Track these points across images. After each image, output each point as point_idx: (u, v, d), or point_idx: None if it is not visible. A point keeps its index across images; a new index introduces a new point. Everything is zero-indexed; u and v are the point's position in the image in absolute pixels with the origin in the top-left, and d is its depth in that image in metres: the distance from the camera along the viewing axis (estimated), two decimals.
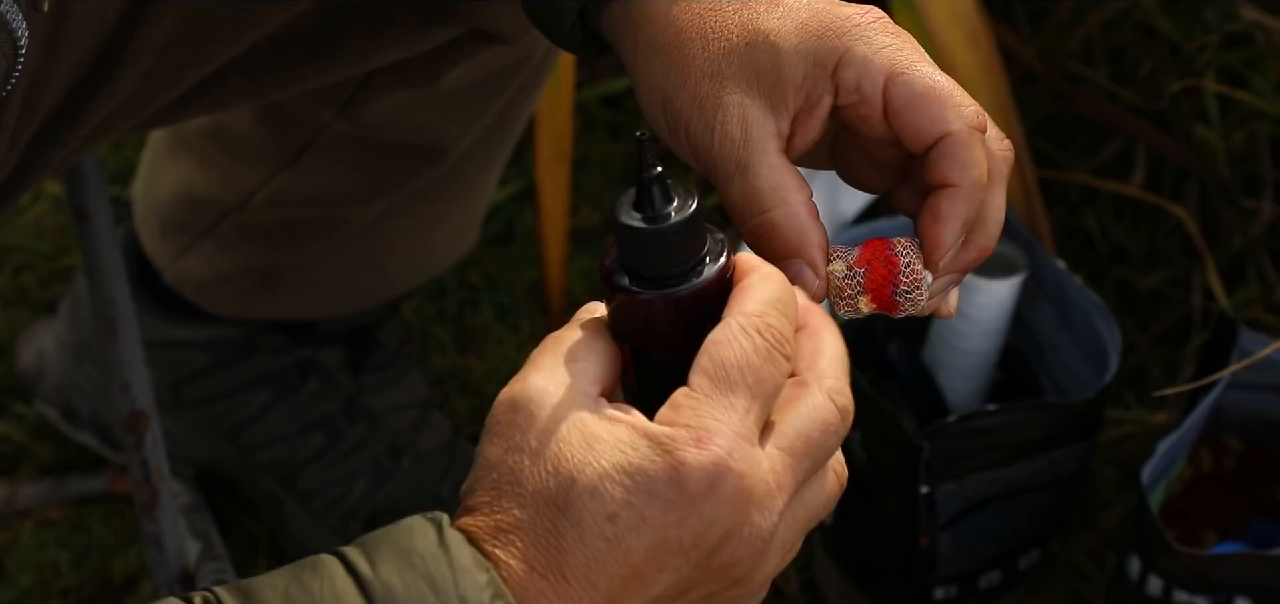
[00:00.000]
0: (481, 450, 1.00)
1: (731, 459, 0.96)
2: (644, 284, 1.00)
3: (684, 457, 0.96)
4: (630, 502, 0.96)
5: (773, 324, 0.99)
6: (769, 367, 0.98)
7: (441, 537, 0.97)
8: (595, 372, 1.00)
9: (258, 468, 1.98)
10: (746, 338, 0.98)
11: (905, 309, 1.08)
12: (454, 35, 1.46)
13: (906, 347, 1.99)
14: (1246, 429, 1.97)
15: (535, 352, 1.01)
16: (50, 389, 2.05)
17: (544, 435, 0.98)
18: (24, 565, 2.01)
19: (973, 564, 1.92)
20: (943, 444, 1.80)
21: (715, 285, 1.00)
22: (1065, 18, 2.20)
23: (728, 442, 0.96)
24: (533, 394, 0.99)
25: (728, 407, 0.97)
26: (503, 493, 0.98)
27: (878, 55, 1.08)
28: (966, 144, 1.07)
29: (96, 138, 1.37)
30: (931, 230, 1.08)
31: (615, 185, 2.27)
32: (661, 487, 0.96)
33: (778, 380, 0.99)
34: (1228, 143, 2.10)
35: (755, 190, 1.07)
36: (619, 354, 1.02)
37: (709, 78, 1.09)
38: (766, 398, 0.98)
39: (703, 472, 0.96)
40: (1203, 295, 2.12)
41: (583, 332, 1.01)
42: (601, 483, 0.96)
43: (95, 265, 1.67)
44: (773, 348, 0.99)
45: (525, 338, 2.16)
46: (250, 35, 1.35)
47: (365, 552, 0.98)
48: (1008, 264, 1.93)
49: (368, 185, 1.73)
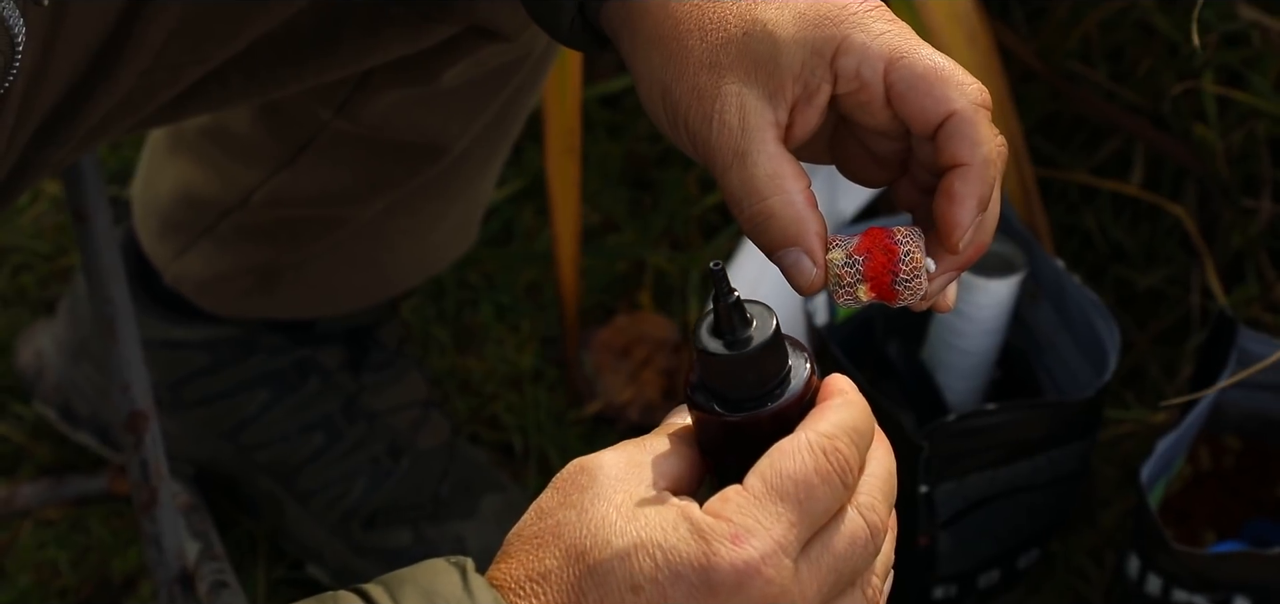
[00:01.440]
0: (540, 499, 1.01)
1: (764, 564, 0.96)
2: (726, 405, 1.01)
3: (718, 549, 0.97)
4: (656, 578, 0.97)
5: (841, 449, 0.99)
6: (825, 489, 0.99)
7: (466, 582, 0.98)
8: (669, 469, 1.01)
9: (257, 468, 1.98)
10: (811, 455, 0.99)
11: (904, 299, 1.08)
12: (453, 33, 1.46)
13: (906, 346, 1.99)
14: (1245, 428, 1.97)
15: (624, 441, 1.03)
16: (49, 389, 2.05)
17: (597, 500, 0.99)
18: (23, 565, 2.01)
19: (972, 563, 1.92)
20: (942, 443, 1.80)
21: (795, 407, 1.02)
22: (1064, 17, 2.20)
23: (764, 546, 0.97)
24: (603, 465, 1.01)
25: (774, 515, 0.97)
26: (544, 542, 0.99)
27: (876, 41, 1.08)
28: (973, 121, 1.07)
29: (95, 137, 1.37)
30: (947, 212, 1.07)
31: (615, 185, 2.27)
32: (689, 571, 0.97)
33: (830, 505, 0.99)
34: (1226, 142, 2.10)
35: (753, 179, 1.07)
36: (701, 464, 1.03)
37: (707, 68, 1.09)
38: (815, 518, 0.98)
39: (732, 569, 0.96)
40: (1201, 294, 2.12)
41: (668, 435, 1.03)
42: (633, 552, 0.97)
43: (94, 265, 1.67)
44: (835, 472, 0.99)
45: (524, 337, 2.16)
46: (249, 34, 1.35)
47: (388, 589, 0.98)
48: (1006, 263, 1.93)
49: (367, 184, 1.73)
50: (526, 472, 2.08)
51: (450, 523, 1.97)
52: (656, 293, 2.20)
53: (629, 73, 1.15)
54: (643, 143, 2.30)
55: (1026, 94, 2.20)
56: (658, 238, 2.24)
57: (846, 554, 0.99)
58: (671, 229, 2.25)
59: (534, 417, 2.11)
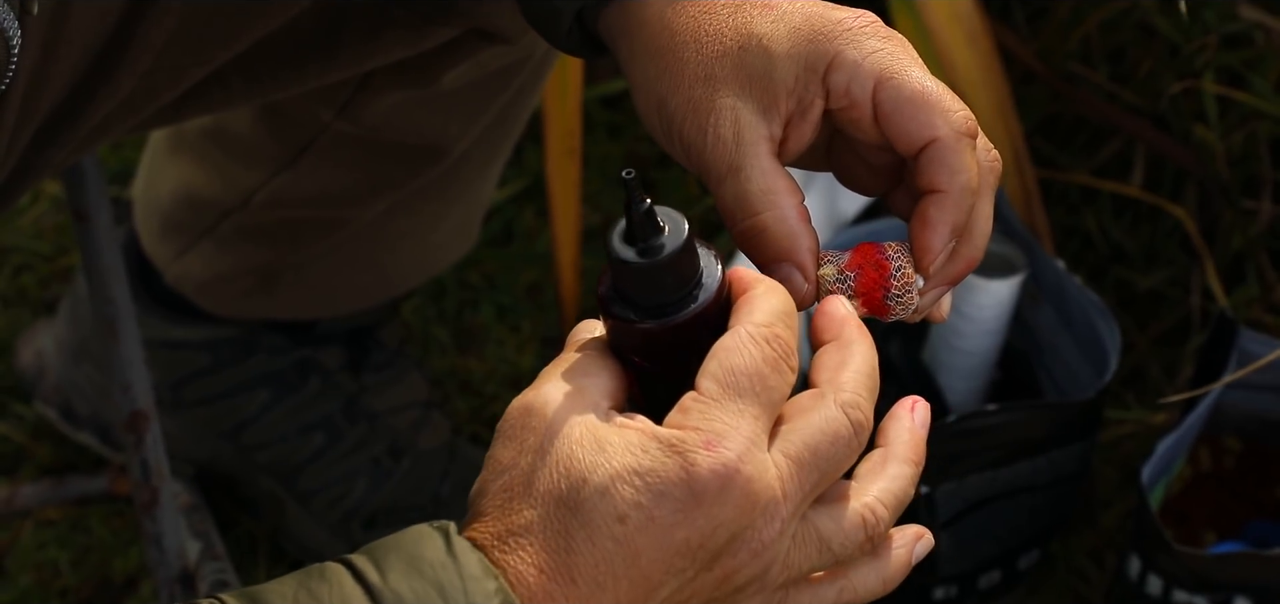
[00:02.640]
0: (492, 454, 1.01)
1: (742, 463, 0.97)
2: (641, 313, 1.01)
3: (695, 458, 0.97)
4: (640, 502, 0.97)
5: (779, 335, 1.00)
6: (776, 376, 0.99)
7: (449, 545, 0.98)
8: (604, 386, 1.01)
9: (258, 468, 1.98)
10: (755, 347, 0.99)
11: (896, 313, 1.09)
12: (453, 35, 1.46)
13: (906, 346, 1.99)
14: (1245, 429, 1.97)
15: (545, 369, 1.02)
16: (50, 389, 2.05)
17: (556, 439, 0.99)
18: (24, 565, 2.01)
19: (972, 564, 1.92)
20: (942, 444, 1.80)
21: (712, 308, 1.02)
22: (1065, 18, 2.20)
23: (738, 445, 0.97)
24: (546, 400, 1.00)
25: (737, 412, 0.98)
26: (514, 495, 0.99)
27: (867, 60, 1.08)
28: (954, 150, 1.07)
29: (96, 138, 1.37)
30: (920, 236, 1.08)
31: (615, 186, 2.27)
32: (672, 487, 0.97)
33: (783, 390, 1.00)
34: (1227, 143, 2.10)
35: (746, 193, 1.08)
36: (624, 372, 1.03)
37: (702, 81, 1.09)
38: (773, 406, 0.99)
39: (713, 474, 0.97)
40: (1202, 295, 2.12)
41: (586, 351, 1.02)
42: (613, 484, 0.97)
43: (95, 265, 1.67)
44: (779, 358, 1.00)
45: (525, 338, 2.17)
46: (250, 35, 1.35)
47: (373, 559, 0.98)
48: (1007, 264, 1.93)
49: (368, 185, 1.73)
50: None
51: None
52: None
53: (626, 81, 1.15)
54: (643, 143, 2.30)
55: (1027, 95, 2.20)
56: None
57: (829, 453, 0.99)
58: None
59: None
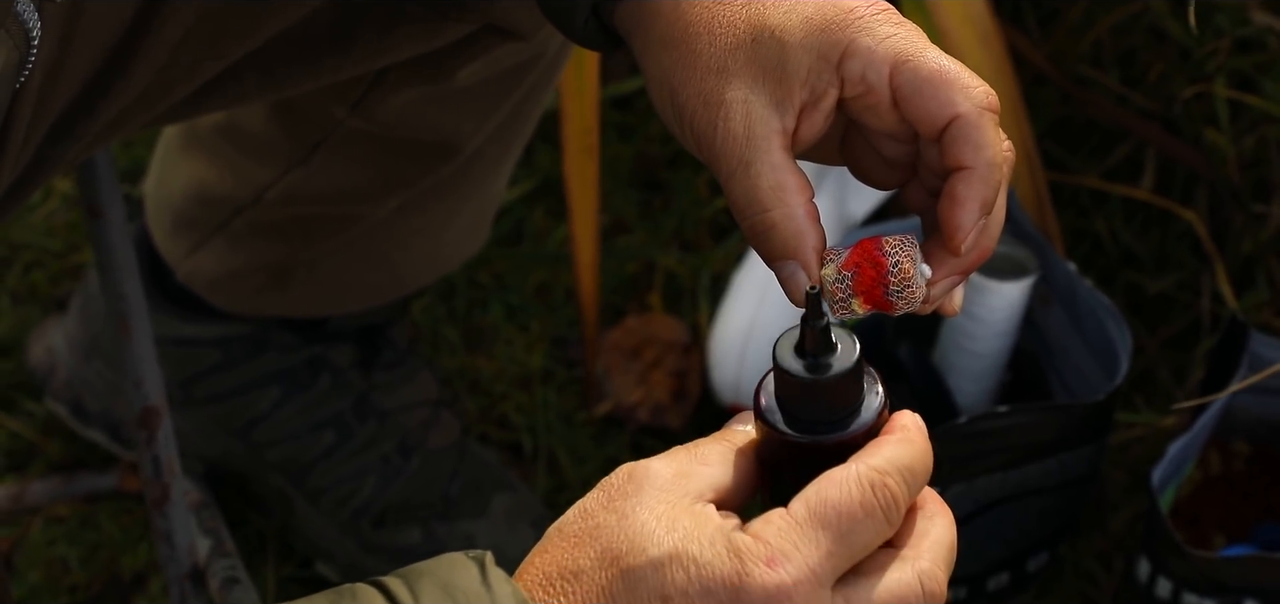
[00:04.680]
0: (585, 499, 1.02)
1: (795, 589, 0.96)
2: (795, 425, 1.01)
3: (751, 569, 0.96)
4: (686, 590, 0.97)
5: (889, 486, 0.99)
6: (868, 522, 0.98)
7: (484, 575, 0.98)
8: (715, 479, 1.01)
9: (268, 465, 1.98)
10: (857, 487, 0.98)
11: (902, 308, 1.08)
12: (468, 31, 1.46)
13: (917, 348, 1.99)
14: (1255, 432, 1.97)
15: (677, 447, 1.03)
16: (60, 386, 2.05)
17: (640, 507, 0.99)
18: (33, 562, 2.01)
19: (981, 566, 1.92)
20: (952, 445, 1.80)
21: (862, 438, 1.02)
22: (1076, 21, 2.20)
23: (798, 572, 0.96)
24: (651, 473, 1.00)
25: (813, 541, 0.97)
26: (582, 541, 0.99)
27: (882, 45, 1.08)
28: (978, 125, 1.07)
29: (111, 132, 1.37)
30: (950, 215, 1.07)
31: (626, 186, 2.28)
32: (720, 588, 0.96)
33: (870, 540, 0.98)
34: (1238, 147, 2.10)
35: (756, 189, 1.08)
36: (755, 477, 1.03)
37: (715, 73, 1.09)
38: (854, 550, 0.98)
39: (763, 590, 0.96)
40: (1212, 299, 2.12)
41: (719, 444, 1.03)
42: (668, 563, 0.97)
43: (108, 261, 1.67)
44: (880, 508, 0.98)
45: (534, 338, 2.17)
46: (265, 30, 1.35)
47: (406, 582, 0.98)
48: (1018, 266, 1.93)
49: (380, 182, 1.73)
50: (535, 472, 2.08)
51: (460, 522, 1.97)
52: (667, 294, 2.21)
53: (641, 72, 1.15)
54: (654, 144, 2.30)
55: (1038, 98, 2.20)
56: (668, 239, 2.24)
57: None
58: (682, 231, 2.25)
59: (543, 417, 2.11)
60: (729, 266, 2.18)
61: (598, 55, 1.99)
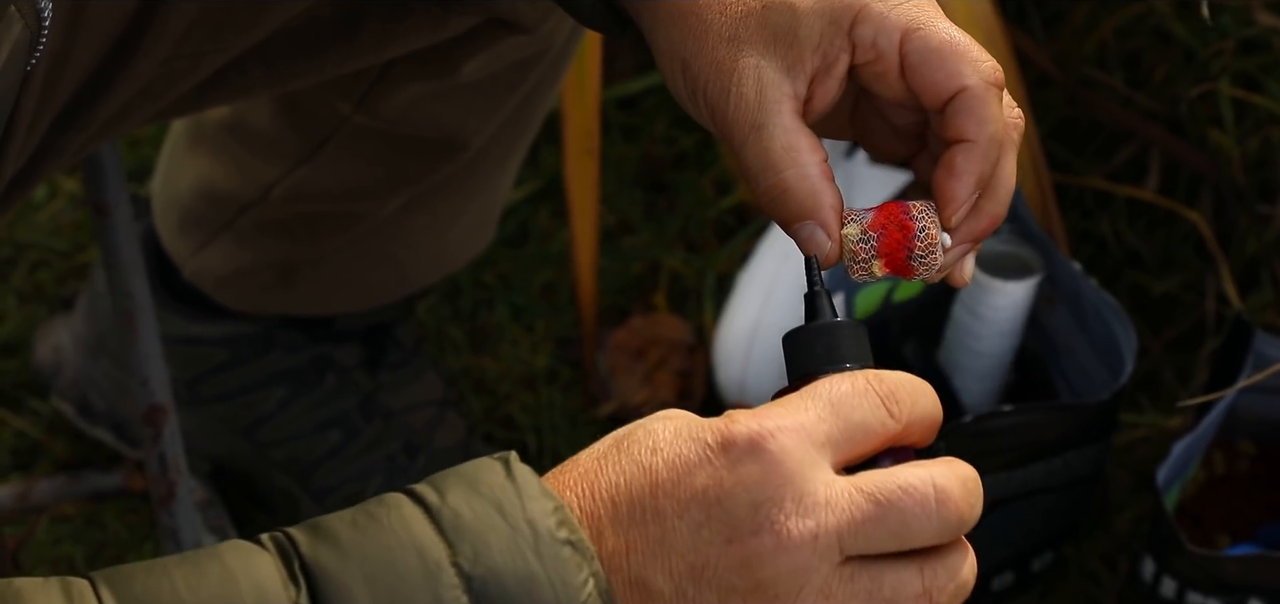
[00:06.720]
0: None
1: (778, 433, 0.97)
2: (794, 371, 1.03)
3: (735, 417, 0.98)
4: (673, 440, 0.98)
5: (895, 392, 0.99)
6: (864, 402, 0.99)
7: (509, 470, 0.99)
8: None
9: (273, 465, 1.98)
10: (857, 381, 0.99)
11: (920, 273, 1.09)
12: (473, 24, 1.47)
13: (922, 346, 2.00)
14: (1259, 432, 1.97)
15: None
16: (66, 384, 2.05)
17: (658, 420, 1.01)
18: (39, 560, 2.01)
19: (986, 566, 1.92)
20: (957, 445, 1.80)
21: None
22: (1081, 22, 2.20)
23: (780, 421, 0.97)
24: (673, 412, 1.02)
25: (800, 406, 0.98)
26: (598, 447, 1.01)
27: (893, 12, 1.08)
28: (982, 99, 1.08)
29: (115, 126, 1.37)
30: (946, 184, 1.08)
31: (631, 186, 2.28)
32: (705, 434, 0.98)
33: (867, 421, 0.99)
34: (1242, 148, 2.10)
35: (768, 151, 1.08)
36: None
37: (726, 42, 1.10)
38: (850, 427, 0.98)
39: (746, 435, 0.97)
40: (1217, 300, 2.12)
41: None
42: (658, 422, 0.99)
43: (115, 259, 1.68)
44: (878, 396, 0.99)
45: (539, 338, 2.17)
46: (269, 23, 1.36)
47: (432, 484, 1.00)
48: (1023, 266, 1.93)
49: (386, 179, 1.74)
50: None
51: None
52: (672, 295, 2.21)
53: (650, 49, 1.16)
54: (658, 145, 2.31)
55: (1043, 99, 2.20)
56: (673, 240, 2.24)
57: (904, 507, 0.97)
58: (687, 231, 2.25)
59: (548, 417, 2.11)
60: (734, 267, 2.18)
61: (599, 56, 1.99)
